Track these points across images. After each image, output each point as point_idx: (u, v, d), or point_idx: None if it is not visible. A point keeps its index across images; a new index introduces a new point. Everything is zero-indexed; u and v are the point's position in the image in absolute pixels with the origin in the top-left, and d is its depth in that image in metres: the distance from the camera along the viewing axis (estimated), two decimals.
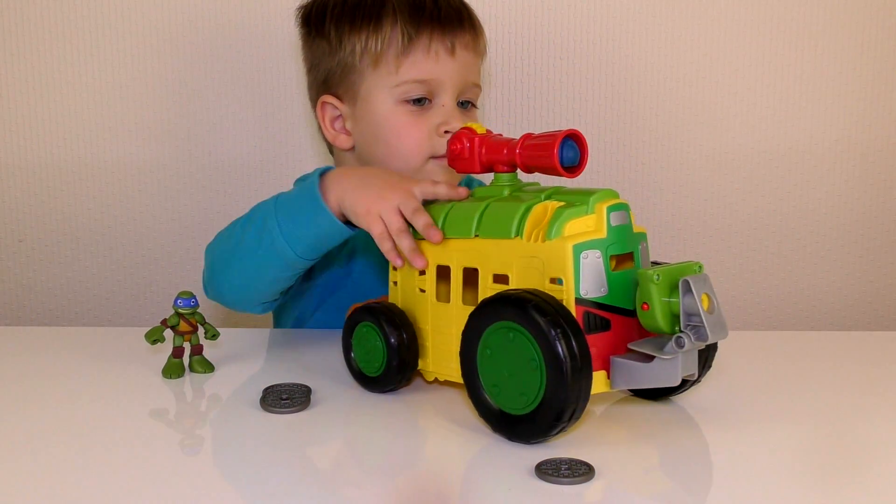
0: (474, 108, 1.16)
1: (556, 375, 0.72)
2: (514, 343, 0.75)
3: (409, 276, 0.89)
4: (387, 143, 1.11)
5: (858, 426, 0.82)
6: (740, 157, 1.47)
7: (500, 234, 0.81)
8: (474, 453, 0.77)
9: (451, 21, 1.12)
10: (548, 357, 0.72)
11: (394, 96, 1.10)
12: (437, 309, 0.86)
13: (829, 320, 1.51)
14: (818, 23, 1.43)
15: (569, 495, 0.70)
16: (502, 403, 0.77)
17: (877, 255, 1.50)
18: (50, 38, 1.43)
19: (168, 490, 0.71)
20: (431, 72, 1.10)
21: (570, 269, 0.76)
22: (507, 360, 0.76)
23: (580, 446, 0.77)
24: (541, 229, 0.78)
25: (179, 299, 0.95)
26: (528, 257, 0.79)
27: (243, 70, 1.44)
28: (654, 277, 0.74)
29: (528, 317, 0.73)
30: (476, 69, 1.15)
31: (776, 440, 0.79)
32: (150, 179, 1.47)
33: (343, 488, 0.72)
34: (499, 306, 0.76)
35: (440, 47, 1.10)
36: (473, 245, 0.83)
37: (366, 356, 0.89)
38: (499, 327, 0.76)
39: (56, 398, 0.90)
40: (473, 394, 0.79)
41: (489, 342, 0.77)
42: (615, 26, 1.43)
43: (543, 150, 0.82)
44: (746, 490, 0.72)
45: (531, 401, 0.74)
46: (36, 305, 1.50)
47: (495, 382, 0.77)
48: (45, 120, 1.45)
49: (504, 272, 0.80)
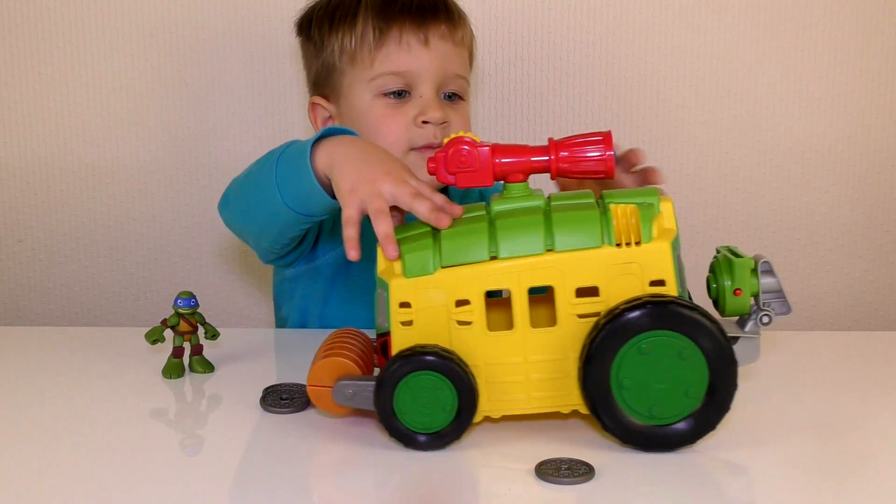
0: (462, 101, 1.15)
1: (724, 365, 0.74)
2: (656, 351, 0.74)
3: (437, 310, 0.78)
4: (368, 136, 1.11)
5: (858, 426, 0.82)
6: (740, 157, 1.47)
7: (585, 244, 0.76)
8: (474, 453, 0.77)
9: (423, 11, 1.12)
10: (712, 348, 0.74)
11: (371, 90, 1.11)
12: (491, 340, 0.78)
13: (829, 320, 1.51)
14: (818, 23, 1.43)
15: (569, 495, 0.70)
16: (657, 417, 0.75)
17: (877, 255, 1.50)
18: (50, 38, 1.43)
19: (168, 490, 0.71)
20: (405, 63, 1.10)
21: (670, 269, 0.76)
22: (654, 373, 0.74)
23: (580, 446, 0.77)
24: (633, 233, 0.77)
25: (179, 299, 0.95)
26: (622, 264, 0.76)
27: (244, 70, 1.44)
28: (751, 264, 0.78)
29: (675, 316, 0.73)
30: (458, 60, 1.14)
31: (776, 440, 0.79)
32: (150, 179, 1.47)
33: (343, 488, 0.72)
34: (632, 318, 0.73)
35: (412, 38, 1.11)
36: (545, 261, 0.77)
37: (422, 411, 0.76)
38: (631, 345, 0.74)
39: (56, 398, 0.90)
40: (613, 421, 0.75)
41: (625, 361, 0.74)
42: (615, 26, 1.43)
43: (590, 152, 0.80)
44: (746, 490, 0.72)
45: (697, 399, 0.75)
46: (36, 305, 1.50)
47: (644, 401, 0.75)
48: (45, 120, 1.45)
49: (591, 284, 0.76)
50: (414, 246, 0.78)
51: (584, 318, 0.76)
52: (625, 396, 0.75)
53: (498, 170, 0.80)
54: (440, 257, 0.78)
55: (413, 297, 0.77)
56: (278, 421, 0.83)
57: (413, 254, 0.78)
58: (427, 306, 0.77)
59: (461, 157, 0.80)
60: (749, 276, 0.79)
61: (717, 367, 0.74)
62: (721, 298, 0.80)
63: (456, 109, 1.13)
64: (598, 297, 0.76)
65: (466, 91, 1.16)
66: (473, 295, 0.77)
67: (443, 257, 0.78)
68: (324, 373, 0.80)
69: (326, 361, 0.80)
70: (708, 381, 0.74)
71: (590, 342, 0.74)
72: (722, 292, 0.80)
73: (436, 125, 1.10)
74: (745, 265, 0.79)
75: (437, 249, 0.78)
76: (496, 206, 0.80)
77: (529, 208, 0.79)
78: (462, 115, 1.14)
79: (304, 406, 0.85)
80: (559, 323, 0.77)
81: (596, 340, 0.74)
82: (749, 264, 0.79)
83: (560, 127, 1.45)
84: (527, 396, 0.78)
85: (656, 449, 0.76)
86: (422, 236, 0.79)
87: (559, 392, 0.78)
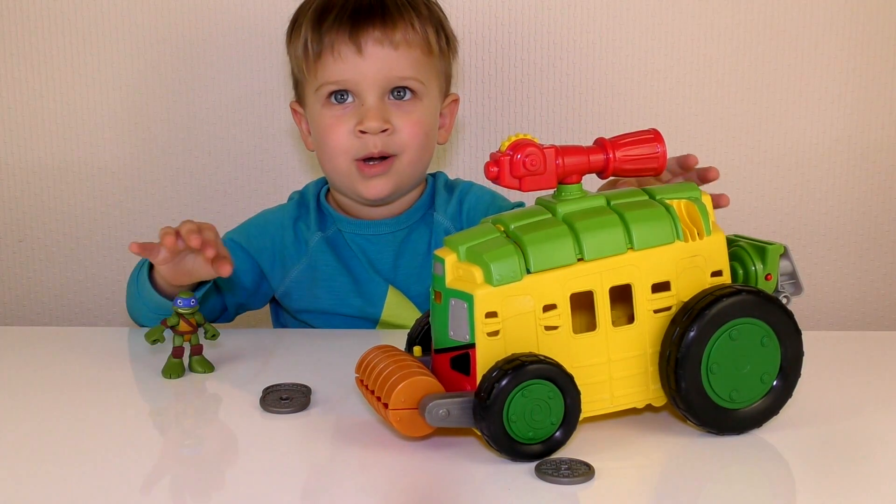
0: (416, 100, 1.12)
1: (795, 343, 0.79)
2: (744, 337, 0.77)
3: (524, 317, 0.76)
4: (319, 146, 1.15)
5: (858, 426, 0.82)
6: (740, 157, 1.47)
7: (660, 240, 0.78)
8: (474, 453, 0.77)
9: (356, 18, 1.10)
10: (787, 337, 0.79)
11: (318, 99, 1.13)
12: (576, 342, 0.77)
13: (829, 320, 1.51)
14: (817, 23, 1.43)
15: (569, 495, 0.70)
16: (739, 402, 0.78)
17: (876, 255, 1.50)
18: (50, 38, 1.43)
19: (168, 490, 0.71)
20: (341, 73, 1.10)
21: (727, 260, 0.81)
22: (738, 360, 0.78)
23: (580, 446, 0.77)
24: (697, 227, 0.79)
25: (179, 299, 0.95)
26: (689, 257, 0.79)
27: (244, 70, 1.44)
28: (781, 250, 0.82)
29: (764, 304, 0.77)
30: (402, 62, 1.11)
31: (776, 440, 0.79)
32: (149, 179, 1.47)
33: (343, 488, 0.72)
34: (716, 309, 0.76)
35: (343, 48, 1.10)
36: (626, 260, 0.78)
37: (530, 420, 0.74)
38: (725, 330, 0.77)
39: (56, 398, 0.90)
40: (698, 403, 0.77)
41: (717, 346, 0.77)
42: (615, 26, 1.43)
43: (647, 151, 0.81)
44: (746, 490, 0.72)
45: (768, 385, 0.79)
46: (36, 305, 1.50)
47: (726, 385, 0.78)
48: (45, 120, 1.45)
49: (664, 279, 0.79)
50: (498, 253, 0.76)
51: (658, 314, 0.79)
52: (711, 380, 0.77)
53: (560, 171, 0.79)
54: (527, 263, 0.76)
55: (500, 306, 0.75)
56: (278, 421, 0.83)
57: (499, 261, 0.76)
58: (514, 314, 0.76)
59: (532, 159, 0.78)
60: (778, 262, 0.83)
61: (789, 354, 0.79)
62: (751, 284, 0.83)
63: (406, 110, 1.12)
64: (671, 292, 0.79)
65: (421, 88, 1.13)
66: (560, 299, 0.77)
67: (531, 263, 0.76)
68: (406, 395, 0.75)
69: (411, 382, 0.75)
70: (779, 368, 0.79)
71: (686, 328, 0.77)
72: (752, 277, 0.82)
73: (374, 134, 1.10)
74: (776, 251, 0.82)
75: (522, 255, 0.76)
76: (562, 208, 0.79)
77: (599, 209, 0.79)
78: (413, 115, 1.12)
79: (304, 406, 0.85)
80: (638, 319, 0.79)
81: (693, 326, 0.76)
82: (779, 250, 0.82)
83: (560, 127, 1.45)
84: (610, 395, 0.79)
85: (730, 431, 0.79)
86: (499, 243, 0.77)
87: (638, 388, 0.80)
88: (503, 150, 0.78)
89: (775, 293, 0.82)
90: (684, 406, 0.78)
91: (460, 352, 0.77)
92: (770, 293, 0.79)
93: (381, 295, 1.16)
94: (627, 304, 0.80)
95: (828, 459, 0.76)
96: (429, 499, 0.71)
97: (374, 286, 1.17)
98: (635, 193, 0.81)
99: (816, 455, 0.77)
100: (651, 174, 0.82)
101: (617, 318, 0.80)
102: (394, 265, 1.18)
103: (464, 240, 0.78)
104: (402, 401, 0.75)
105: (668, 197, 0.81)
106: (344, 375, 0.93)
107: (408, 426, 0.76)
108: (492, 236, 0.78)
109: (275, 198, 1.40)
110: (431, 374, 0.77)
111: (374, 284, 1.17)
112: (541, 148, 0.78)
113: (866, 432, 0.81)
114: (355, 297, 1.17)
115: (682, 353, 0.76)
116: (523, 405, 0.73)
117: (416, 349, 0.84)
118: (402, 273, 1.18)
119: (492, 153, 0.79)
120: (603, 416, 0.80)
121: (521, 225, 0.78)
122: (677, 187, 0.82)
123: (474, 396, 0.74)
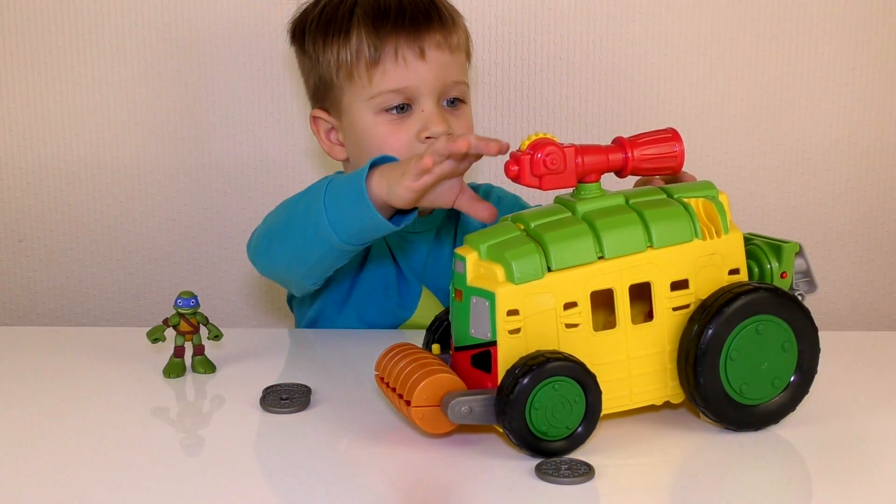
0: (464, 105, 1.13)
1: (812, 340, 0.80)
2: (768, 334, 0.78)
3: (545, 315, 0.77)
4: (371, 155, 1.09)
5: (858, 426, 0.82)
6: (740, 157, 1.47)
7: (679, 238, 0.79)
8: (474, 453, 0.77)
9: (417, 23, 1.09)
10: (807, 349, 0.80)
11: (371, 108, 1.09)
12: (596, 339, 0.78)
13: (829, 320, 1.51)
14: (817, 23, 1.43)
15: (569, 495, 0.70)
16: (748, 398, 0.79)
17: (877, 255, 1.50)
18: (50, 38, 1.43)
19: (168, 490, 0.71)
20: (404, 80, 1.08)
21: (744, 258, 0.81)
22: (757, 355, 0.78)
23: (580, 446, 0.77)
24: (715, 225, 0.80)
25: (180, 299, 0.95)
26: (707, 255, 0.80)
27: (243, 70, 1.44)
28: (796, 248, 0.83)
29: (793, 309, 0.79)
30: (456, 66, 1.12)
31: (776, 440, 0.79)
32: (150, 179, 1.47)
33: (343, 488, 0.72)
34: (734, 306, 0.77)
35: (408, 53, 1.08)
36: (645, 258, 0.78)
37: (551, 418, 0.74)
38: (745, 326, 0.78)
39: (56, 398, 0.90)
40: (707, 383, 0.78)
41: (736, 344, 0.78)
42: (615, 26, 1.43)
43: (665, 150, 0.82)
44: (746, 490, 0.72)
45: (777, 390, 0.80)
46: (36, 305, 1.50)
47: (739, 377, 0.78)
48: (45, 120, 1.45)
49: (683, 277, 0.79)
50: (519, 252, 0.76)
51: (677, 311, 0.79)
52: (727, 366, 0.78)
53: (580, 170, 0.80)
54: (548, 261, 0.76)
55: (522, 304, 0.76)
56: (278, 421, 0.83)
57: (521, 259, 0.76)
58: (535, 312, 0.76)
59: (553, 158, 0.78)
60: (793, 260, 0.83)
61: (806, 351, 0.80)
62: (766, 281, 0.83)
63: (458, 116, 1.12)
64: (689, 289, 0.79)
65: (467, 94, 1.14)
66: (581, 297, 0.77)
67: (552, 261, 0.76)
68: (429, 392, 0.76)
69: (434, 379, 0.76)
70: (790, 379, 0.80)
71: (704, 325, 0.77)
72: (767, 275, 0.83)
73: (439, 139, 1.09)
74: (791, 249, 0.83)
75: (543, 253, 0.77)
76: (581, 206, 0.80)
77: (619, 207, 0.80)
78: (465, 120, 1.12)
79: (304, 406, 0.85)
80: (657, 317, 0.79)
81: (712, 323, 0.77)
82: (794, 248, 0.83)
83: (559, 127, 1.45)
84: (629, 392, 0.79)
85: (747, 427, 0.79)
86: (520, 241, 0.78)
87: (657, 385, 0.80)
88: (523, 149, 0.79)
89: (790, 291, 0.83)
90: (702, 402, 0.78)
91: (481, 349, 0.77)
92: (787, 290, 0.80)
93: (414, 296, 1.15)
94: (645, 301, 0.80)
95: (828, 459, 0.76)
96: (429, 498, 0.71)
97: (409, 287, 1.15)
98: (654, 192, 0.82)
99: (817, 454, 0.77)
100: (668, 173, 0.83)
101: (635, 315, 0.80)
102: (424, 264, 1.17)
103: (485, 238, 0.79)
104: (424, 398, 0.75)
105: (686, 195, 0.81)
106: (344, 375, 0.93)
107: (430, 423, 0.76)
108: (512, 234, 0.79)
109: (275, 198, 1.39)
110: (453, 372, 0.78)
111: (410, 285, 1.15)
112: (561, 147, 0.78)
113: (866, 432, 0.81)
114: (391, 296, 1.15)
115: (700, 350, 0.77)
116: (546, 401, 0.74)
117: (434, 347, 0.84)
118: (431, 272, 1.16)
119: (512, 152, 0.80)
120: (601, 418, 0.80)
121: (542, 223, 0.79)
122: (695, 186, 0.83)
123: (497, 392, 0.74)
